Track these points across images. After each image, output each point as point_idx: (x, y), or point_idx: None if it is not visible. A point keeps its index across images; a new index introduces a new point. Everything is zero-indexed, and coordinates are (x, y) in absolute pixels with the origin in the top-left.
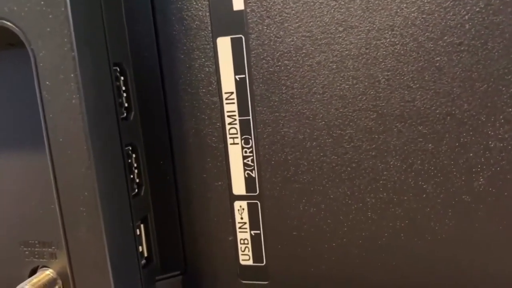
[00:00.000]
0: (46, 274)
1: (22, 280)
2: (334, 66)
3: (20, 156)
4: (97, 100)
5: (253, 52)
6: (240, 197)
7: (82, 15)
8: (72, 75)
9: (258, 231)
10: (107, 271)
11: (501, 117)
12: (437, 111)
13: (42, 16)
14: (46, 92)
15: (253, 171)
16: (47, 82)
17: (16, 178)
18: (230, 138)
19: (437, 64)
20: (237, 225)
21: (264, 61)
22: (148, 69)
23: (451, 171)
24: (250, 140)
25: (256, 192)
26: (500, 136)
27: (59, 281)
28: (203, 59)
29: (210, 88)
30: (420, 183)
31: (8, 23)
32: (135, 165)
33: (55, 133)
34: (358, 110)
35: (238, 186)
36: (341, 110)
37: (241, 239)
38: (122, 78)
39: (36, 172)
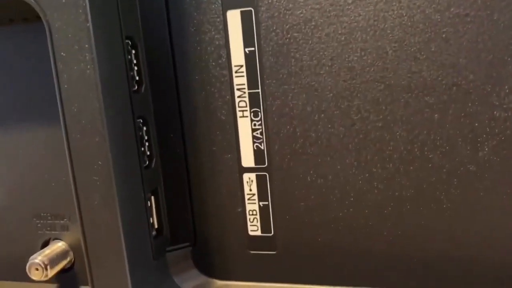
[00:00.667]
0: (58, 246)
1: (35, 252)
2: (343, 38)
3: (33, 129)
4: (110, 72)
5: (262, 25)
6: (249, 169)
7: None
8: (86, 45)
9: (267, 202)
10: (119, 239)
11: (506, 87)
12: (443, 82)
13: None
14: (61, 63)
15: (262, 144)
16: (62, 53)
17: (30, 152)
18: (239, 111)
19: (444, 35)
20: (246, 197)
21: (273, 33)
22: (158, 42)
23: (457, 141)
24: (259, 113)
25: (264, 164)
26: (505, 106)
27: (71, 253)
28: (213, 32)
29: (220, 61)
30: (426, 153)
31: None
32: (146, 137)
33: (69, 103)
34: (366, 81)
35: (247, 159)
36: (349, 81)
37: (249, 210)
38: (133, 51)
39: (49, 146)
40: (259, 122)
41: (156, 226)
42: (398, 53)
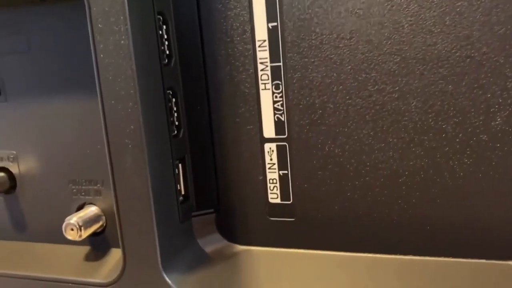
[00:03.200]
0: (91, 209)
1: (69, 214)
2: (361, 13)
3: (70, 99)
4: (143, 44)
5: (285, 1)
6: (270, 140)
7: None
8: (121, 17)
9: (286, 171)
10: (149, 202)
11: None
12: (457, 54)
13: None
14: (98, 34)
15: (283, 115)
16: (99, 25)
17: (67, 122)
18: (261, 83)
19: (458, 9)
20: (267, 166)
21: (295, 9)
22: (187, 18)
23: (470, 111)
24: (280, 85)
25: (284, 134)
26: None
27: (103, 217)
28: (239, 9)
29: (244, 36)
30: (440, 123)
31: None
32: (175, 108)
33: (105, 71)
34: (382, 54)
35: (268, 129)
36: (366, 54)
37: (270, 179)
38: (164, 26)
39: (85, 115)
40: (280, 94)
41: (183, 192)
42: (414, 27)
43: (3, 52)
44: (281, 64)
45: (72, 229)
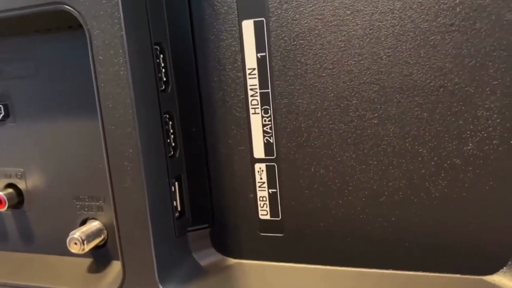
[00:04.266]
0: (94, 224)
1: (73, 229)
2: (342, 45)
3: (74, 123)
4: (141, 73)
5: (272, 33)
6: (260, 160)
7: (130, 1)
8: (120, 50)
9: (275, 190)
10: (146, 218)
11: (487, 89)
12: (431, 84)
13: (97, 1)
14: (99, 65)
15: (271, 137)
16: (100, 57)
17: (71, 142)
18: (252, 108)
19: (432, 42)
20: (257, 184)
21: (282, 40)
22: (183, 48)
23: (444, 137)
24: (269, 110)
25: (273, 155)
26: (486, 106)
27: (105, 231)
28: (230, 40)
29: (236, 64)
30: (416, 147)
31: (69, 7)
32: (171, 130)
33: (105, 99)
34: (362, 83)
35: (258, 150)
36: (348, 83)
37: (260, 197)
38: (161, 55)
39: (88, 137)
40: (269, 118)
41: (179, 209)
42: (391, 58)
43: (12, 77)
44: (269, 90)
45: (76, 243)
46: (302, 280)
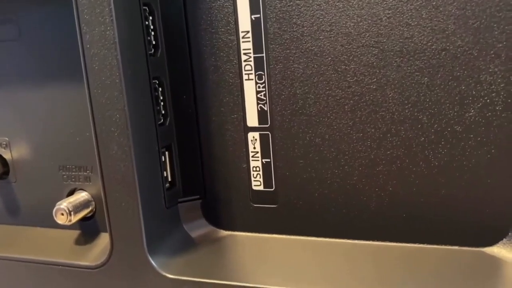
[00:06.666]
0: (81, 195)
1: (59, 199)
2: (341, 5)
3: (60, 89)
4: (129, 34)
5: None
6: (253, 129)
7: None
8: (106, 8)
9: (269, 160)
10: (135, 187)
11: (491, 52)
12: (433, 47)
13: None
14: (84, 25)
15: (265, 105)
16: (85, 16)
17: (56, 109)
18: (245, 74)
19: (434, 2)
20: (250, 154)
21: (277, 1)
22: (173, 10)
23: (444, 103)
24: (263, 76)
25: (267, 124)
26: (490, 70)
27: (93, 203)
28: (223, 0)
29: (228, 27)
30: (416, 114)
31: None
32: (161, 97)
33: (91, 62)
34: (361, 46)
35: (252, 119)
36: (346, 46)
37: (253, 167)
38: (150, 17)
39: (73, 103)
40: (263, 85)
41: (169, 179)
42: (392, 20)
43: None
44: (264, 55)
45: (62, 214)
46: (295, 252)
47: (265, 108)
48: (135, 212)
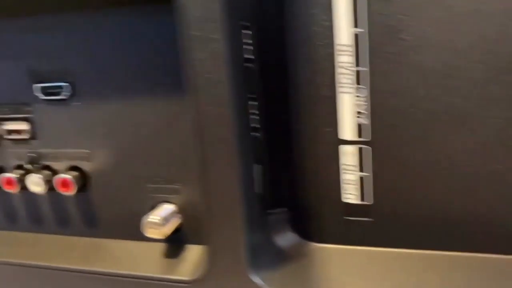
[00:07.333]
0: (169, 208)
1: (144, 213)
2: (448, 21)
3: (152, 101)
4: (233, 50)
5: (372, 7)
6: (350, 142)
7: None
8: (218, 25)
9: (367, 173)
10: (238, 201)
11: None
12: None
13: None
14: (192, 42)
15: (365, 118)
16: (194, 33)
17: (148, 122)
18: (343, 87)
19: None
20: (344, 167)
21: (382, 16)
22: (271, 23)
23: None
24: (365, 90)
25: (366, 137)
26: None
27: (180, 215)
28: (322, 14)
29: (327, 40)
30: None
31: None
32: (257, 111)
33: (198, 77)
34: (467, 62)
35: (348, 132)
36: (451, 62)
37: (347, 180)
38: (249, 32)
39: (162, 116)
40: (364, 98)
41: (260, 191)
42: (500, 36)
43: (78, 53)
44: (366, 68)
45: (152, 227)
46: (390, 265)
47: (365, 122)
48: (238, 226)
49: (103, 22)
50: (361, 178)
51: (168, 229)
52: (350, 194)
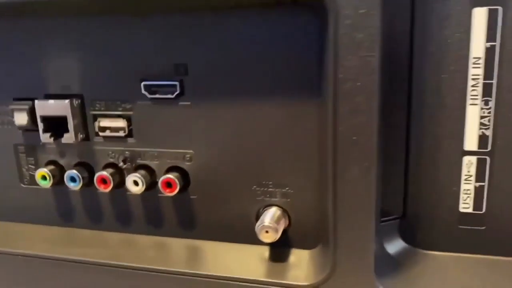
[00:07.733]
0: (277, 211)
1: (249, 215)
2: None
3: (263, 105)
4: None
5: (508, 23)
6: (471, 153)
7: None
8: (373, 33)
9: (483, 183)
10: (370, 208)
11: None
12: None
13: None
14: (343, 48)
15: (488, 130)
16: (345, 41)
17: (258, 126)
18: (471, 99)
19: None
20: (464, 177)
21: None
22: (399, 32)
23: None
24: (490, 102)
25: (487, 148)
26: None
27: (287, 220)
28: (457, 27)
29: (458, 53)
30: None
31: None
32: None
33: (344, 84)
34: None
35: (471, 143)
36: None
37: (464, 190)
38: None
39: (278, 121)
40: (489, 110)
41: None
42: None
43: (194, 50)
44: (493, 81)
45: (268, 231)
46: (503, 272)
47: (487, 133)
48: (367, 232)
49: (223, 22)
50: (475, 187)
51: (280, 233)
52: (466, 204)
